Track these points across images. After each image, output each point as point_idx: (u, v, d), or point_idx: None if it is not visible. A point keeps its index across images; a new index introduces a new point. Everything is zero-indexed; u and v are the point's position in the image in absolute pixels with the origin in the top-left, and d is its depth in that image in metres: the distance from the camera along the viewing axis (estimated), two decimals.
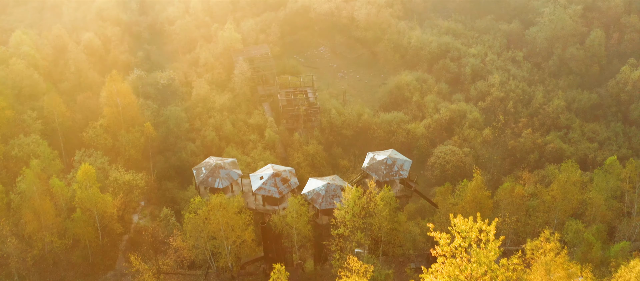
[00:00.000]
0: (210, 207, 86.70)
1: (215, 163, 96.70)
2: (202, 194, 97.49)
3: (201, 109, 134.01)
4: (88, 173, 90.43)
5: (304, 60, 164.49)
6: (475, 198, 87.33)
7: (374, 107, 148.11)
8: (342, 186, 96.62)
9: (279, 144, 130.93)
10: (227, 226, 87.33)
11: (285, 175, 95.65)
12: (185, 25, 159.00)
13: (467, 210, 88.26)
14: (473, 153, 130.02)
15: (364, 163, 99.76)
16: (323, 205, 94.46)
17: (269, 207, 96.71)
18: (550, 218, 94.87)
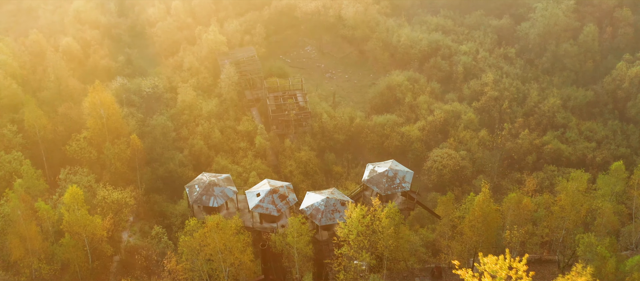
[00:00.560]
0: (207, 229, 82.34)
1: (209, 180, 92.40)
2: (196, 213, 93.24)
3: (188, 116, 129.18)
4: (76, 196, 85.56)
5: (290, 60, 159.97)
6: (483, 211, 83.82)
7: (364, 109, 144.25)
8: (342, 200, 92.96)
9: (269, 151, 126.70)
10: (224, 248, 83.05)
11: (283, 191, 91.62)
12: (167, 27, 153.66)
13: (474, 225, 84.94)
14: (470, 156, 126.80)
15: (364, 176, 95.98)
16: (323, 221, 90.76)
17: (267, 224, 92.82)
18: (557, 228, 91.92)
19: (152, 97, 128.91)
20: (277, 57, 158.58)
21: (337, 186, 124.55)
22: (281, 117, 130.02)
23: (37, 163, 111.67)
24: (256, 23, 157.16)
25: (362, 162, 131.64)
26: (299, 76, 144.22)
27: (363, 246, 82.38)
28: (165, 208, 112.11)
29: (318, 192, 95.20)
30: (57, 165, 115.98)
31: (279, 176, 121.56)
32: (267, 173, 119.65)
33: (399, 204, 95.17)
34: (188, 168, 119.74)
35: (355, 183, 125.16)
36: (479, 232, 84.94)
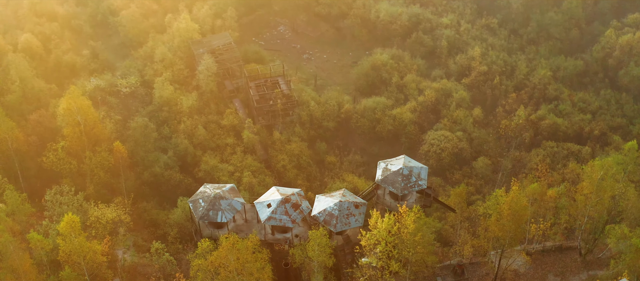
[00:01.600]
0: (223, 250, 75.87)
1: (214, 193, 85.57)
2: (202, 230, 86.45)
3: (167, 113, 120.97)
4: (72, 224, 77.79)
5: (264, 43, 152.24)
6: (513, 209, 79.51)
7: (348, 91, 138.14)
8: (355, 202, 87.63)
9: (258, 146, 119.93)
10: (242, 269, 76.79)
11: (294, 199, 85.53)
12: (132, 15, 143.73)
13: (503, 224, 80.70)
14: (466, 136, 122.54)
15: (377, 175, 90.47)
16: (339, 227, 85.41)
17: (279, 235, 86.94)
18: (579, 216, 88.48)
19: (128, 95, 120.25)
20: (250, 40, 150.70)
21: (331, 177, 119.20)
22: (267, 108, 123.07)
23: (11, 177, 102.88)
24: (227, 6, 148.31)
25: (354, 149, 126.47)
26: (280, 61, 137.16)
27: (392, 255, 77.35)
28: (156, 217, 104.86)
29: (328, 195, 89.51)
30: (32, 178, 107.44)
31: (272, 171, 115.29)
32: (260, 171, 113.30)
33: (415, 202, 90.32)
34: (174, 170, 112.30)
35: (350, 172, 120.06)
36: (506, 229, 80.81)
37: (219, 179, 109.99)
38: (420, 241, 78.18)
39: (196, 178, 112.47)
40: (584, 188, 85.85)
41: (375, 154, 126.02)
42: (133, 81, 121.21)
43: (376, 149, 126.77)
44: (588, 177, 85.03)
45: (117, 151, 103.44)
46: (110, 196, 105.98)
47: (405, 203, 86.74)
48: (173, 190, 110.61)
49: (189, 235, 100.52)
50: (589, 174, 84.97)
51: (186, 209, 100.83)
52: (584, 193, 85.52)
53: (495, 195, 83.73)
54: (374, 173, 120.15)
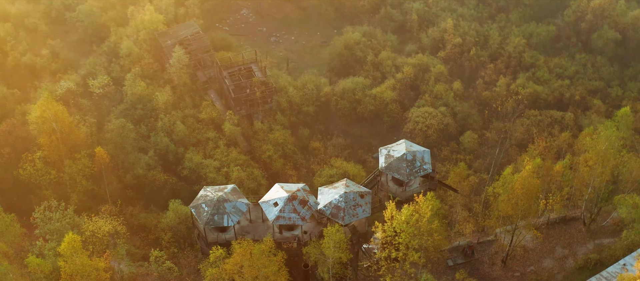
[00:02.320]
0: (238, 257, 72.75)
1: (216, 196, 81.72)
2: (207, 235, 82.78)
3: (141, 111, 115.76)
4: (74, 243, 73.23)
5: (228, 28, 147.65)
6: (525, 187, 78.44)
7: (322, 72, 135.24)
8: (360, 192, 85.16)
9: (240, 137, 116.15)
10: (259, 275, 73.86)
11: (301, 196, 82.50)
12: (89, 9, 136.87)
13: (515, 202, 79.65)
14: (450, 111, 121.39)
15: (381, 162, 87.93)
16: (347, 219, 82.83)
17: (287, 233, 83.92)
18: (583, 186, 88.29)
19: (101, 96, 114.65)
20: (214, 26, 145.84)
21: (317, 163, 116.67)
22: (245, 97, 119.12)
23: None
24: None
25: (336, 132, 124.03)
26: (251, 48, 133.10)
27: (411, 246, 75.49)
28: (145, 221, 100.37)
29: (332, 187, 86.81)
30: (7, 191, 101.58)
31: (259, 163, 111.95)
32: (247, 163, 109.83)
33: (419, 186, 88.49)
34: (157, 170, 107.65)
35: (335, 156, 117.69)
36: (519, 207, 79.84)
37: (206, 176, 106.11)
38: (437, 228, 76.65)
39: (181, 176, 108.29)
40: (588, 159, 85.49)
41: (358, 136, 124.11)
42: (105, 80, 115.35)
43: (358, 131, 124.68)
44: (592, 148, 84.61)
45: (99, 157, 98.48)
46: (93, 204, 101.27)
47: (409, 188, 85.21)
48: (158, 191, 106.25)
49: (183, 237, 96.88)
50: (593, 145, 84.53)
51: (179, 211, 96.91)
52: (588, 164, 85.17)
53: (504, 175, 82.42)
54: (360, 155, 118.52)
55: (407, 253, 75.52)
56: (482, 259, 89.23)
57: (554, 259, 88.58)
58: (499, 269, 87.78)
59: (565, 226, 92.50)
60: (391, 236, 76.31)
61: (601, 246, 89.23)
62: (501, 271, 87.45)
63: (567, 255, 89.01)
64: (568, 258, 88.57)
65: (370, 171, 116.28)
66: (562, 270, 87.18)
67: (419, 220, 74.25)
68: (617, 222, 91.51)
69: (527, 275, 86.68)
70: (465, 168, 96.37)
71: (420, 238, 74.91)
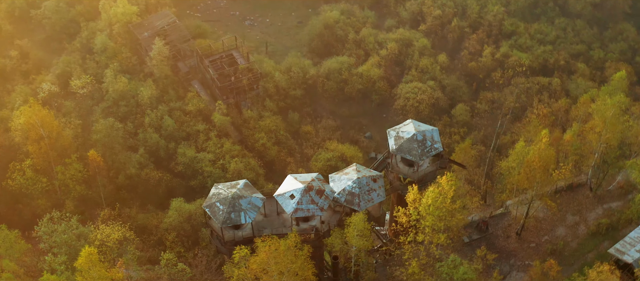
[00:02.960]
0: (263, 255, 70.78)
1: (230, 193, 79.04)
2: (224, 234, 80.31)
3: (126, 108, 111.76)
4: (91, 256, 70.21)
5: (200, 15, 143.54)
6: (542, 158, 78.28)
7: (302, 53, 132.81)
8: (372, 176, 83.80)
9: (230, 127, 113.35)
10: (288, 272, 72.12)
11: (317, 186, 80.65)
12: (56, 5, 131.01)
13: (532, 175, 79.51)
14: (438, 85, 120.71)
15: (391, 145, 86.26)
16: (363, 206, 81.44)
17: (304, 225, 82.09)
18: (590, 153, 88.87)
19: (84, 96, 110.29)
20: (185, 13, 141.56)
21: (310, 146, 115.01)
22: (231, 86, 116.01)
23: None
24: None
25: (325, 114, 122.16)
26: (225, 33, 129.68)
27: (437, 228, 74.73)
28: (144, 222, 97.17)
29: (343, 173, 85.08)
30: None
31: (253, 152, 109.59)
32: (241, 154, 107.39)
33: (430, 165, 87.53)
34: (149, 168, 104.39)
35: (327, 139, 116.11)
36: (534, 180, 79.77)
37: (202, 170, 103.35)
38: (459, 208, 76.12)
39: (175, 172, 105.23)
40: (595, 126, 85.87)
41: (347, 116, 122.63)
42: (87, 79, 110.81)
43: (346, 111, 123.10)
44: (599, 114, 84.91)
45: (93, 160, 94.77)
46: (86, 209, 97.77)
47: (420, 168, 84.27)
48: (153, 190, 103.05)
49: (187, 236, 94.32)
50: (600, 111, 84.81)
51: (182, 209, 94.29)
52: (596, 131, 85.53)
53: (517, 149, 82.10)
54: (351, 135, 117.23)
55: (433, 235, 74.77)
56: (497, 233, 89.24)
57: (566, 227, 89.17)
58: (514, 241, 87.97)
59: (573, 193, 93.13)
60: (416, 219, 75.34)
61: (610, 211, 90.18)
62: (517, 243, 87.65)
63: (578, 221, 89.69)
64: (580, 225, 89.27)
65: (365, 151, 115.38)
66: (576, 237, 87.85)
67: (443, 202, 73.46)
68: (622, 185, 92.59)
69: (542, 245, 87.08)
70: (470, 143, 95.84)
71: (445, 219, 74.24)
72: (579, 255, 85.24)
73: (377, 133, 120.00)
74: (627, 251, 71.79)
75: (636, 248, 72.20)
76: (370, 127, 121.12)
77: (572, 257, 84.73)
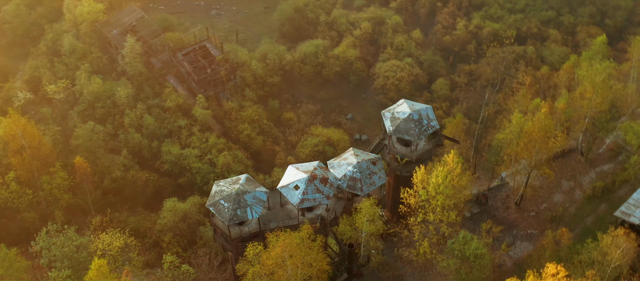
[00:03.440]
0: (278, 250, 69.74)
1: (234, 189, 77.33)
2: (231, 232, 78.82)
3: (103, 109, 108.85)
4: (102, 269, 68.16)
5: (164, 7, 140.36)
6: (542, 128, 78.86)
7: (273, 38, 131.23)
8: (371, 159, 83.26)
9: (212, 121, 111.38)
10: (304, 265, 71.24)
11: (320, 174, 79.63)
12: (16, 9, 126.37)
13: (532, 145, 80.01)
14: (415, 61, 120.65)
15: (387, 126, 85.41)
16: (365, 190, 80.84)
17: (309, 214, 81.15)
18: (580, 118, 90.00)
19: (62, 101, 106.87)
20: (149, 7, 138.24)
21: (294, 133, 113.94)
22: (208, 78, 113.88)
23: None
24: None
25: (304, 99, 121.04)
26: (192, 24, 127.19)
27: (447, 206, 74.75)
28: (137, 225, 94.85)
29: (341, 159, 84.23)
30: None
31: (239, 144, 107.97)
32: (227, 147, 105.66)
33: (426, 144, 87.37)
34: (135, 170, 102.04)
35: (310, 124, 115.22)
36: (536, 150, 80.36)
37: (189, 167, 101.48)
38: (466, 184, 76.30)
39: (162, 172, 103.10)
40: (584, 92, 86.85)
41: (326, 99, 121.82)
42: (63, 83, 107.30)
43: (325, 94, 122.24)
44: (589, 80, 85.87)
45: (79, 167, 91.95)
46: (73, 217, 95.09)
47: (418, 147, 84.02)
48: (141, 192, 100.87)
49: (183, 235, 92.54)
50: (589, 77, 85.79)
51: (177, 209, 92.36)
52: (586, 96, 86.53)
53: (515, 121, 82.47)
54: (333, 118, 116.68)
55: (444, 214, 74.82)
56: (496, 205, 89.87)
57: (562, 193, 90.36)
58: (514, 212, 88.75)
59: (565, 159, 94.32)
60: (426, 199, 75.18)
61: (603, 173, 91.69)
62: (517, 214, 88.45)
63: (573, 186, 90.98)
64: (575, 190, 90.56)
65: (349, 133, 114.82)
66: (573, 202, 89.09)
67: (452, 179, 73.49)
68: (612, 148, 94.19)
69: (542, 213, 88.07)
70: (462, 118, 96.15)
71: (455, 197, 74.33)
72: (578, 219, 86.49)
73: (358, 114, 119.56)
74: (634, 213, 72.99)
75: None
76: (351, 108, 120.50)
77: (572, 222, 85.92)
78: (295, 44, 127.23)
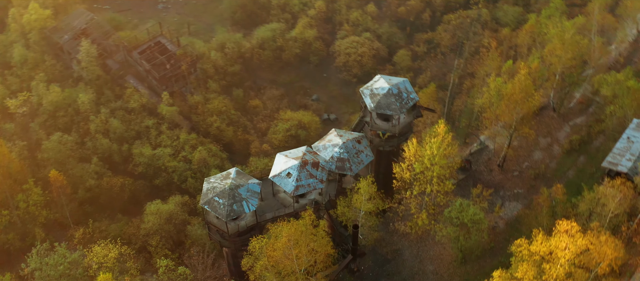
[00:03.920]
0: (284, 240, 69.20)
1: (227, 184, 76.14)
2: (229, 228, 77.72)
3: (65, 117, 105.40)
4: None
5: (109, 6, 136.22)
6: (523, 90, 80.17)
7: (226, 27, 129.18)
8: (356, 138, 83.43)
9: (179, 117, 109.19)
10: (309, 252, 70.92)
11: (311, 159, 79.35)
12: None
13: (513, 106, 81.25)
14: (373, 35, 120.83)
15: (368, 103, 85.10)
16: (355, 169, 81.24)
17: (302, 200, 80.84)
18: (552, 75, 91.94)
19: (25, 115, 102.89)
20: (92, 8, 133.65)
21: (261, 120, 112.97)
22: (170, 74, 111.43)
23: None
24: None
25: (266, 84, 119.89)
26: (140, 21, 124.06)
27: (443, 176, 75.53)
28: (119, 233, 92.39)
29: (325, 141, 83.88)
30: None
31: (210, 137, 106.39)
32: (200, 141, 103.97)
33: (407, 116, 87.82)
34: (108, 176, 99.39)
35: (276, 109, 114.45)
36: (517, 111, 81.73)
37: (165, 166, 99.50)
38: (456, 152, 77.29)
39: (136, 175, 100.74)
40: (554, 49, 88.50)
41: (288, 82, 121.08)
42: (25, 96, 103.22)
43: (286, 77, 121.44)
44: (559, 38, 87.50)
45: (55, 180, 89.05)
46: (53, 232, 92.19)
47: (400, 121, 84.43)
48: (117, 198, 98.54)
49: (170, 237, 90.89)
50: (559, 35, 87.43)
51: (161, 211, 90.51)
52: (557, 54, 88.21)
53: (494, 85, 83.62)
54: (298, 100, 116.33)
55: (440, 184, 75.59)
56: (480, 169, 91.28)
57: (541, 150, 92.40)
58: (498, 173, 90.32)
59: (538, 116, 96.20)
60: (420, 172, 75.64)
61: (577, 127, 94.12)
62: (501, 175, 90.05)
63: (550, 143, 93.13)
64: (553, 146, 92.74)
65: (317, 113, 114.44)
66: (553, 157, 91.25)
67: (446, 149, 74.25)
68: (582, 101, 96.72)
69: (525, 172, 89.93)
70: (435, 87, 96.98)
71: (448, 166, 75.19)
72: (560, 174, 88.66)
73: (322, 94, 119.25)
74: (620, 162, 75.13)
75: (626, 157, 75.63)
76: (314, 89, 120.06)
77: (555, 177, 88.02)
78: (249, 31, 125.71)
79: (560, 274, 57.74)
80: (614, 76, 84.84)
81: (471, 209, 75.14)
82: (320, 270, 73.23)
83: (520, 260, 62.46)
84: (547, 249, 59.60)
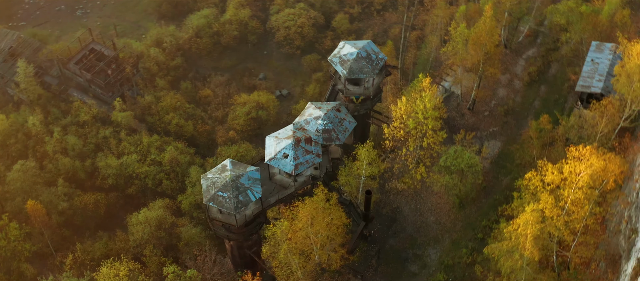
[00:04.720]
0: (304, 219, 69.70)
1: (228, 176, 74.96)
2: (238, 221, 77.01)
3: (18, 144, 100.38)
4: None
5: (25, 22, 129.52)
6: (489, 31, 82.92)
7: (152, 21, 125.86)
8: (335, 107, 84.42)
9: (134, 121, 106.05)
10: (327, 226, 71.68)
11: (302, 135, 79.55)
12: None
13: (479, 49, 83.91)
14: (307, 4, 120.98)
15: (340, 70, 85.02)
16: (342, 138, 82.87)
17: (300, 178, 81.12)
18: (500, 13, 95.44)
19: None
20: (8, 27, 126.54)
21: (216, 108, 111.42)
22: (113, 80, 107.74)
23: None
24: None
25: (210, 72, 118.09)
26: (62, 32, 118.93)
27: (435, 127, 77.73)
28: (106, 250, 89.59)
29: (306, 116, 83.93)
30: None
31: (171, 135, 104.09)
32: (164, 142, 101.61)
33: (377, 77, 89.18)
34: (78, 195, 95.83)
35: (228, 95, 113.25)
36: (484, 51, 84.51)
37: (135, 173, 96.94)
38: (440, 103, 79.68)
39: (106, 188, 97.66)
40: None
41: (231, 67, 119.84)
42: None
43: (228, 62, 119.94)
44: None
45: (34, 211, 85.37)
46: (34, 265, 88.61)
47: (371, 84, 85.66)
48: (92, 215, 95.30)
49: (159, 243, 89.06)
50: None
51: (149, 218, 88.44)
52: None
53: (459, 29, 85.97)
54: (246, 82, 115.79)
55: (435, 135, 77.81)
56: (452, 115, 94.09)
57: (504, 87, 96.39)
58: (470, 116, 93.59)
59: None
60: (413, 127, 77.42)
61: (530, 58, 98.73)
62: (473, 117, 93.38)
63: (510, 78, 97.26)
64: (514, 81, 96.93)
65: (269, 92, 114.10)
66: (516, 91, 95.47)
67: (434, 99, 76.43)
68: (529, 33, 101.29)
69: (495, 110, 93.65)
70: (392, 44, 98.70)
71: (439, 118, 77.49)
72: (527, 105, 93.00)
73: (267, 71, 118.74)
74: (592, 84, 79.48)
75: (596, 78, 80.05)
76: (259, 68, 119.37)
77: (525, 110, 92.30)
78: (180, 21, 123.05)
79: (580, 197, 60.64)
80: (565, 4, 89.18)
81: (466, 154, 77.85)
82: (338, 244, 74.22)
83: (533, 192, 65.30)
84: (559, 178, 62.36)
